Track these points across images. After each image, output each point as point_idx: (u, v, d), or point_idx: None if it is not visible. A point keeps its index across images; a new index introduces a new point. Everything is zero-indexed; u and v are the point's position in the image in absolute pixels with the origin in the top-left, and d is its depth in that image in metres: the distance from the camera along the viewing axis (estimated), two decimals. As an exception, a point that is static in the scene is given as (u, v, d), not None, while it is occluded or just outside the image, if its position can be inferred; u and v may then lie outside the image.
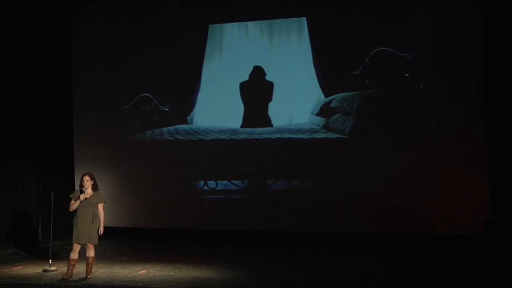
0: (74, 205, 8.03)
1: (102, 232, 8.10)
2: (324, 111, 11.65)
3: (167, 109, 12.43)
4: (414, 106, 11.14)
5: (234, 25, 12.16)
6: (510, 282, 7.28)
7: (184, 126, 12.34)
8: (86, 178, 8.11)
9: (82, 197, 8.00)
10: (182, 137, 12.31)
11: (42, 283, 7.90)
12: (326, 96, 11.63)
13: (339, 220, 11.30)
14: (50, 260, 8.71)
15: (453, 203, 10.63)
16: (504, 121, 10.15)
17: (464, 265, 9.07)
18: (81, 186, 8.10)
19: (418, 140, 11.06)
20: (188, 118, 12.33)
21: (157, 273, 8.38)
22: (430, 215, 10.76)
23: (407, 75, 11.21)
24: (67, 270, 8.05)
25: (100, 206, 8.13)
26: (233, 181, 12.00)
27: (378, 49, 11.34)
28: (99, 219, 8.10)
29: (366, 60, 11.39)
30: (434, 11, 11.05)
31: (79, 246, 8.06)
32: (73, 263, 8.04)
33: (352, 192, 11.34)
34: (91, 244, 8.06)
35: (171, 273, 8.40)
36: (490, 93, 10.42)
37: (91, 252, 8.08)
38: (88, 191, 8.08)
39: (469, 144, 10.69)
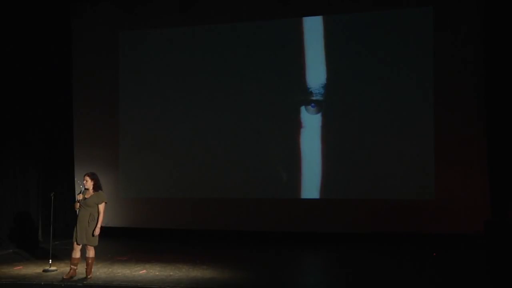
0: (75, 205, 8.03)
1: (97, 233, 8.02)
2: (323, 111, 11.64)
3: (167, 110, 12.42)
4: (414, 106, 11.15)
5: (235, 25, 12.16)
6: (510, 282, 7.28)
7: (184, 126, 12.33)
8: (86, 178, 8.10)
9: (78, 197, 8.00)
10: (182, 137, 12.31)
11: (42, 283, 7.89)
12: (324, 96, 11.63)
13: (339, 220, 11.32)
14: (50, 260, 8.70)
15: (453, 203, 10.65)
16: (504, 121, 10.16)
17: (464, 265, 9.07)
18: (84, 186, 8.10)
19: (418, 140, 11.07)
20: (189, 118, 12.32)
21: (157, 273, 8.38)
22: (430, 215, 10.78)
23: (407, 75, 11.21)
24: (69, 270, 8.03)
25: (100, 206, 8.07)
26: (233, 181, 11.99)
27: (378, 49, 11.34)
28: (96, 220, 8.03)
29: (366, 60, 11.39)
30: (434, 11, 11.05)
31: (80, 246, 8.05)
32: (75, 262, 8.02)
33: (352, 192, 11.35)
34: (90, 245, 8.03)
35: (171, 273, 8.40)
36: (490, 93, 10.42)
37: (90, 253, 8.06)
38: (89, 191, 8.06)
39: (469, 144, 10.70)
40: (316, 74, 11.64)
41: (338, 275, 8.67)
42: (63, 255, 9.18)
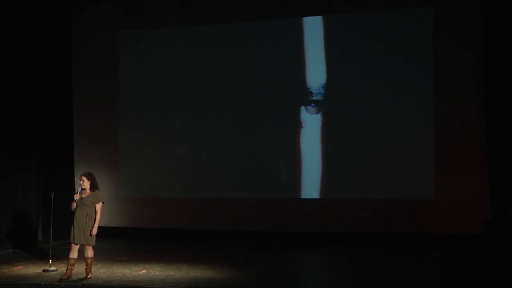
0: (72, 204, 8.03)
1: (94, 233, 8.01)
2: (323, 111, 11.64)
3: (167, 109, 12.41)
4: (414, 106, 11.14)
5: (235, 25, 12.15)
6: (510, 282, 7.28)
7: (184, 126, 12.33)
8: (83, 178, 8.12)
9: (75, 196, 8.00)
10: (182, 137, 12.31)
11: (42, 283, 7.88)
12: (324, 96, 11.63)
13: (339, 220, 11.32)
14: (50, 260, 8.70)
15: (453, 203, 10.64)
16: (504, 121, 10.15)
17: (464, 265, 9.07)
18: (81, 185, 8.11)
19: (418, 140, 11.07)
20: (189, 118, 12.31)
21: (157, 273, 8.38)
22: (430, 215, 10.77)
23: (407, 75, 11.20)
24: (66, 270, 8.03)
25: (97, 206, 8.06)
26: (233, 181, 11.98)
27: (378, 49, 11.33)
28: (94, 219, 8.04)
29: (366, 60, 11.38)
30: (434, 11, 11.04)
31: (77, 245, 8.05)
32: (72, 262, 8.02)
33: (352, 192, 11.34)
34: (88, 245, 8.03)
35: (171, 273, 8.40)
36: (490, 93, 10.42)
37: (89, 253, 8.06)
38: (86, 191, 8.06)
39: (469, 144, 10.70)
40: (316, 74, 11.63)
41: (338, 275, 8.67)
42: (63, 255, 9.16)
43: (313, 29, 11.72)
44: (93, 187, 8.09)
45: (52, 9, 12.11)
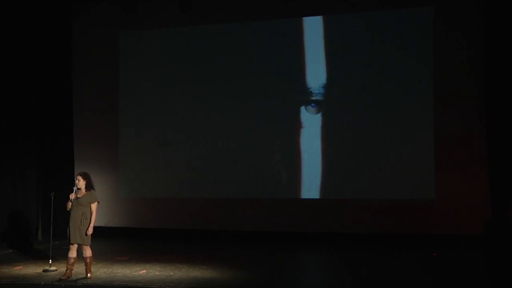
0: (67, 204, 8.03)
1: (90, 232, 8.01)
2: (323, 111, 11.64)
3: (167, 110, 12.41)
4: (414, 106, 11.15)
5: (235, 25, 12.15)
6: (510, 282, 7.29)
7: (184, 126, 12.33)
8: (78, 177, 8.12)
9: (71, 196, 8.00)
10: (182, 137, 12.31)
11: (42, 283, 7.88)
12: (324, 96, 11.63)
13: (339, 220, 11.31)
14: (50, 260, 8.70)
15: (453, 203, 10.65)
16: (504, 121, 10.15)
17: (464, 265, 9.07)
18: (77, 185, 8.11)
19: (418, 140, 11.07)
20: (189, 118, 12.31)
21: (157, 273, 8.38)
22: (430, 215, 10.78)
23: (407, 75, 11.20)
24: (66, 270, 8.04)
25: (93, 206, 8.05)
26: (233, 181, 11.98)
27: (378, 49, 11.33)
28: (89, 219, 8.05)
29: (366, 60, 11.38)
30: (434, 11, 11.05)
31: (75, 245, 8.05)
32: (71, 261, 8.02)
33: (352, 192, 11.34)
34: (84, 245, 8.03)
35: (171, 273, 8.40)
36: (490, 93, 10.42)
37: (87, 253, 8.06)
38: (81, 190, 8.06)
39: (469, 144, 10.70)
40: (316, 74, 11.63)
41: (338, 275, 8.67)
42: (63, 255, 9.14)
43: (313, 29, 11.72)
44: (89, 186, 8.10)
45: (52, 9, 12.10)
